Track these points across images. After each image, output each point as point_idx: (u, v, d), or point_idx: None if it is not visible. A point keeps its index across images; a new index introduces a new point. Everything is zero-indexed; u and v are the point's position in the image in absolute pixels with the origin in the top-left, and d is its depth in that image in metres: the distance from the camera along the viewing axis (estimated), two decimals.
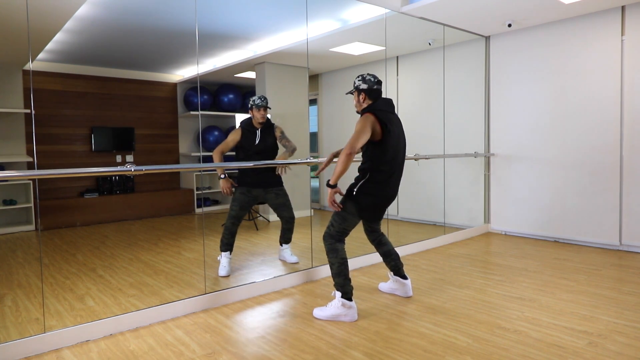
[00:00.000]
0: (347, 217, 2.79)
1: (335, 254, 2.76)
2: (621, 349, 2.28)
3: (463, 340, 2.42)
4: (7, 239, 5.24)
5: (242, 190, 3.72)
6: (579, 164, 4.55)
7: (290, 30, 4.96)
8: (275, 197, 3.79)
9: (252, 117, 3.75)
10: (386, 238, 3.12)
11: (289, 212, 3.83)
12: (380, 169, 2.74)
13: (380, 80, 2.86)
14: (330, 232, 2.82)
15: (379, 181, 2.75)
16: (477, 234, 5.23)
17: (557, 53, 4.66)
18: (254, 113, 3.71)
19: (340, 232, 2.81)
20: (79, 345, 2.44)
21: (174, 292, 3.21)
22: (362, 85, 2.82)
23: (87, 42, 5.26)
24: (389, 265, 3.11)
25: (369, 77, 2.83)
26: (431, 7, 4.14)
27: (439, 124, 5.37)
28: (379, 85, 2.84)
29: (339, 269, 2.73)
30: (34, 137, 5.96)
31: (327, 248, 2.80)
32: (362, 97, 2.83)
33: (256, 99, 3.71)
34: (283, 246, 3.97)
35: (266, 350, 2.35)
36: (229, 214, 3.69)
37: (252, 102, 3.71)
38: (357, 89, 2.84)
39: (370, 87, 2.81)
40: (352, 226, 2.84)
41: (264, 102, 3.70)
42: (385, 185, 2.76)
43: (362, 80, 2.82)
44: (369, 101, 2.82)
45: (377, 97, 2.82)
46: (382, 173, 2.74)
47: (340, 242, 2.80)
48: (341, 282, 2.72)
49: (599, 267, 3.76)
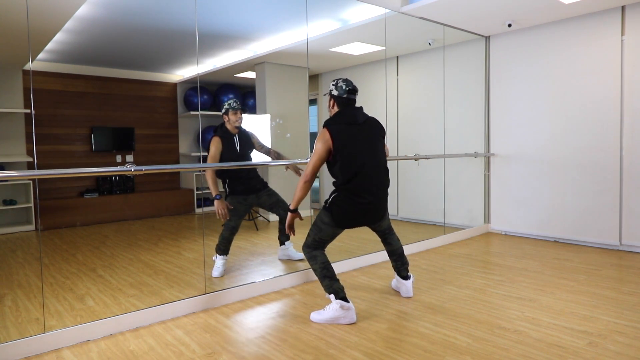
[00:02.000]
0: (322, 227, 2.80)
1: (314, 260, 2.78)
2: (621, 349, 2.28)
3: (463, 340, 2.42)
4: (7, 239, 5.24)
5: (238, 200, 3.69)
6: (579, 164, 4.55)
7: (290, 30, 4.96)
8: (268, 197, 3.81)
9: (227, 121, 3.66)
10: (394, 237, 3.10)
11: (286, 206, 3.85)
12: (348, 182, 2.72)
13: (354, 89, 2.82)
14: (307, 242, 2.85)
15: (351, 192, 2.73)
16: (477, 234, 5.23)
17: (557, 53, 4.66)
18: (229, 117, 3.63)
19: (317, 242, 2.82)
20: (79, 345, 2.44)
21: (174, 292, 3.21)
22: (334, 92, 2.81)
23: (87, 42, 5.26)
24: (392, 263, 3.13)
25: (342, 83, 2.81)
26: (431, 7, 4.14)
27: (439, 124, 5.37)
28: (350, 94, 2.80)
29: (322, 273, 2.74)
30: (34, 137, 5.96)
31: (306, 257, 2.83)
32: (332, 103, 2.84)
33: (232, 102, 3.65)
34: (286, 244, 3.97)
35: (266, 350, 2.35)
36: (227, 224, 3.66)
37: (228, 106, 3.64)
38: (330, 93, 2.84)
39: (340, 94, 2.79)
40: (329, 236, 2.83)
41: (239, 105, 3.66)
42: (359, 195, 2.73)
43: (334, 86, 2.82)
44: (337, 109, 2.82)
45: (346, 106, 2.80)
46: (351, 184, 2.72)
47: (317, 250, 2.82)
48: (328, 284, 2.72)
49: (599, 267, 3.76)
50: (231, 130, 3.70)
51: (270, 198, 3.82)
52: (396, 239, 3.10)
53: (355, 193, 2.73)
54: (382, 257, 4.06)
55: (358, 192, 2.73)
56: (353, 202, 2.74)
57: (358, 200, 2.73)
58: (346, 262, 3.81)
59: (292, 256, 3.96)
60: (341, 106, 2.81)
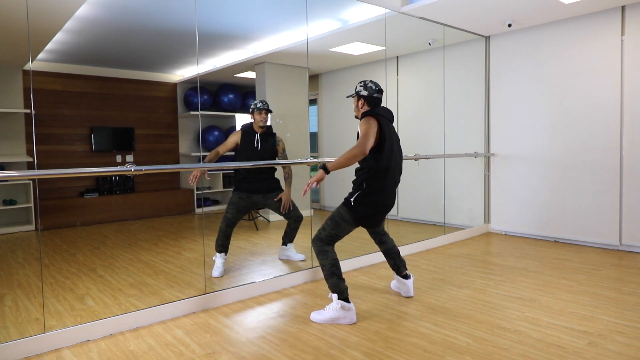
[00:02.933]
0: (341, 223, 2.79)
1: (325, 255, 2.75)
2: (621, 349, 2.28)
3: (463, 340, 2.42)
4: (7, 239, 5.24)
5: (241, 195, 3.70)
6: (579, 163, 4.55)
7: (290, 30, 4.96)
8: (277, 202, 3.80)
9: (253, 120, 3.78)
10: (387, 237, 3.13)
11: (296, 211, 3.85)
12: (376, 177, 2.74)
13: (381, 89, 2.87)
14: (320, 235, 2.81)
15: (376, 189, 2.74)
16: (477, 234, 5.23)
17: (557, 53, 4.66)
18: (254, 116, 3.74)
19: (331, 237, 2.80)
20: (79, 345, 2.44)
21: (174, 292, 3.21)
22: (363, 92, 2.83)
23: (87, 42, 5.26)
24: (389, 264, 3.13)
25: (370, 84, 2.84)
26: (431, 7, 4.14)
27: (439, 124, 5.37)
28: (379, 94, 2.85)
29: (330, 270, 2.72)
30: (34, 137, 5.96)
31: (316, 251, 2.80)
32: (362, 103, 2.86)
33: (257, 102, 3.75)
34: (287, 245, 3.98)
35: (266, 350, 2.35)
36: (225, 217, 3.68)
37: (254, 106, 3.75)
38: (358, 94, 2.86)
39: (371, 94, 2.83)
40: (344, 233, 2.83)
41: (265, 106, 3.74)
42: (382, 193, 2.76)
43: (363, 87, 2.84)
44: (367, 108, 2.84)
45: (375, 106, 2.84)
46: (379, 181, 2.74)
47: (329, 245, 2.80)
48: (335, 282, 2.71)
49: (599, 267, 3.76)
50: (255, 129, 3.76)
51: (279, 202, 3.80)
52: (390, 238, 3.14)
53: (379, 190, 2.75)
54: (382, 257, 4.06)
55: (382, 189, 2.75)
56: (377, 202, 2.76)
57: (380, 200, 2.76)
58: (346, 262, 3.81)
59: (292, 257, 3.96)
60: (371, 105, 2.84)
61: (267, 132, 3.80)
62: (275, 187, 3.80)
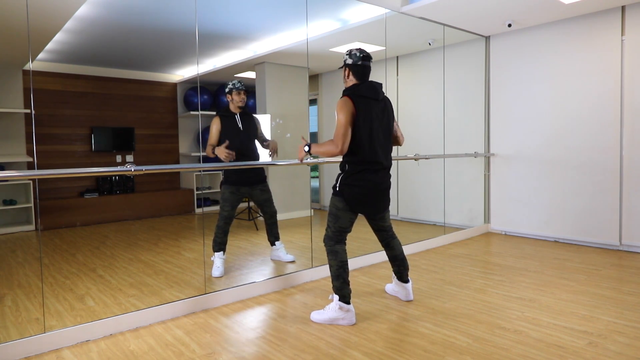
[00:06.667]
0: (337, 214, 2.74)
1: (334, 256, 2.72)
2: (621, 349, 2.28)
3: (463, 340, 2.42)
4: (7, 239, 5.24)
5: (231, 190, 3.68)
6: (579, 164, 4.55)
7: (290, 30, 4.96)
8: (260, 193, 3.80)
9: (230, 101, 3.68)
10: (396, 241, 3.01)
11: (272, 207, 3.87)
12: (357, 160, 2.67)
13: (368, 56, 2.72)
14: (328, 233, 2.79)
15: (359, 170, 2.68)
16: (477, 234, 5.23)
17: (557, 53, 4.66)
18: (233, 97, 3.66)
19: (338, 232, 2.76)
20: (79, 345, 2.44)
21: (174, 292, 3.21)
22: (348, 60, 2.71)
23: (87, 42, 5.26)
24: (393, 269, 3.07)
25: (355, 51, 2.71)
26: (431, 7, 4.14)
27: (439, 124, 5.37)
28: (365, 61, 2.70)
29: (337, 272, 2.70)
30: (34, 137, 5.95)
31: (327, 250, 2.77)
32: (347, 73, 2.73)
33: (236, 82, 3.66)
34: (276, 245, 3.96)
35: (266, 350, 2.35)
36: (221, 214, 3.67)
37: (232, 86, 3.65)
38: (344, 63, 2.75)
39: (355, 62, 2.68)
40: (346, 223, 2.76)
41: (244, 86, 3.67)
42: (367, 173, 2.68)
43: (348, 55, 2.72)
44: (354, 79, 2.71)
45: (363, 74, 2.70)
46: (360, 163, 2.67)
47: (340, 244, 2.76)
48: (339, 286, 2.69)
49: (599, 267, 3.76)
50: (233, 110, 3.70)
51: (262, 194, 3.81)
52: (398, 243, 3.01)
53: (363, 171, 2.67)
54: (382, 257, 4.06)
55: (366, 169, 2.67)
56: (362, 181, 2.67)
57: (365, 180, 2.68)
58: None
59: (282, 257, 3.93)
60: (357, 76, 2.70)
61: (245, 112, 3.75)
62: (262, 178, 3.81)
